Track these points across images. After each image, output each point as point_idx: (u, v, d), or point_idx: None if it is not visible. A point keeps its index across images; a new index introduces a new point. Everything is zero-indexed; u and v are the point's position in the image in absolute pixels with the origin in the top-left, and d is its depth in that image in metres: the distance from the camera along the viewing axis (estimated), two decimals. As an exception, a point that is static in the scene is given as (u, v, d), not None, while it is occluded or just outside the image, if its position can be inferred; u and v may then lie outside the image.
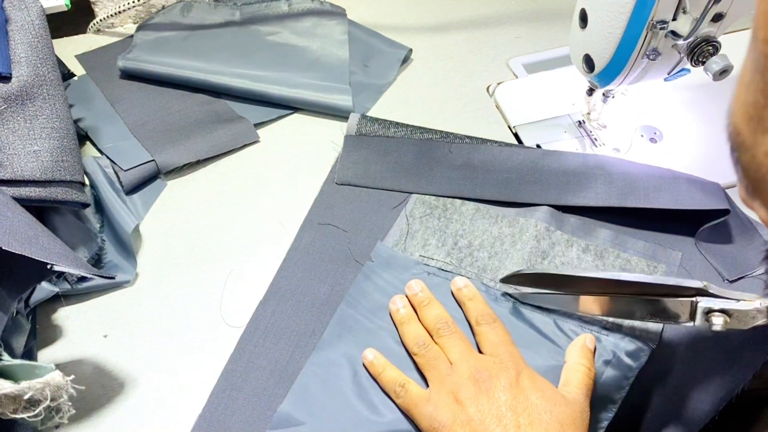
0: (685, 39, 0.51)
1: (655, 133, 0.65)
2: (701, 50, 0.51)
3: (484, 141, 0.61)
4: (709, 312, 0.43)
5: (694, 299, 0.44)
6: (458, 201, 0.58)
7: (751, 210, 0.30)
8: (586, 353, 0.46)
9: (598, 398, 0.46)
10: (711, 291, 0.43)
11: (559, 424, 0.41)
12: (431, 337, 0.48)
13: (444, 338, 0.47)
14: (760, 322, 0.42)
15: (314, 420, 0.45)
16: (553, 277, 0.49)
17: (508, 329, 0.49)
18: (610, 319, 0.49)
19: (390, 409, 0.45)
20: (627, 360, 0.47)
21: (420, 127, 0.62)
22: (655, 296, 0.45)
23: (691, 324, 0.44)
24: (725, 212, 0.53)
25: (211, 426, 0.45)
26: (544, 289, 0.50)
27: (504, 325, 0.48)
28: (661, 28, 0.50)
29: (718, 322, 0.42)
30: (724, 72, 0.51)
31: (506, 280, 0.51)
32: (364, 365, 0.47)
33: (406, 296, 0.51)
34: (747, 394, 0.52)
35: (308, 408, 0.45)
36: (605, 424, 0.47)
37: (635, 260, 0.54)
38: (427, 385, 0.45)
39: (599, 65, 0.55)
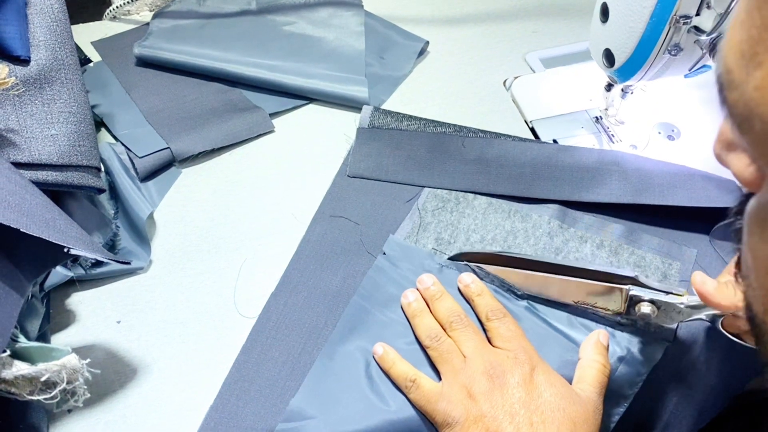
0: (708, 35, 0.50)
1: (672, 131, 0.64)
2: (724, 46, 0.50)
3: (497, 135, 0.61)
4: (639, 302, 0.45)
5: (626, 287, 0.45)
6: (471, 195, 0.58)
7: (725, 166, 0.30)
8: (600, 350, 0.46)
9: (610, 393, 0.46)
10: (642, 281, 0.45)
11: (572, 423, 0.41)
12: (444, 330, 0.47)
13: (457, 331, 0.47)
14: (687, 319, 0.44)
15: (326, 413, 0.44)
16: (497, 256, 0.50)
17: (521, 326, 0.48)
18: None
19: (401, 404, 0.45)
20: (641, 356, 0.47)
21: (433, 121, 0.62)
22: (592, 279, 0.47)
23: (620, 315, 0.47)
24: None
25: (223, 417, 0.45)
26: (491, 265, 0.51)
27: (516, 320, 0.48)
28: (684, 23, 0.50)
29: (646, 311, 0.44)
30: (746, 69, 0.50)
31: (454, 258, 0.52)
32: (374, 359, 0.47)
33: (418, 290, 0.51)
34: (753, 394, 0.52)
35: (320, 401, 0.45)
36: (616, 418, 0.47)
37: (650, 257, 0.53)
38: (440, 379, 0.45)
39: (620, 60, 0.54)
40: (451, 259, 0.52)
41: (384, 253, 0.53)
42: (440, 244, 0.54)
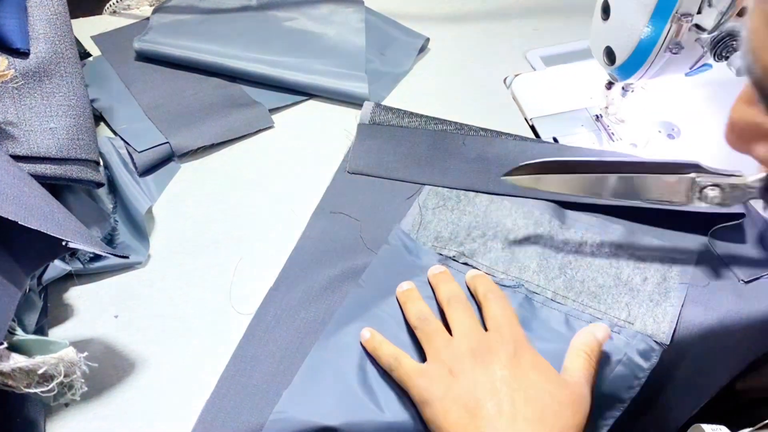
0: (709, 33, 0.50)
1: (673, 129, 0.64)
2: (725, 45, 0.50)
3: (499, 134, 0.61)
4: (704, 187, 0.46)
5: (689, 175, 0.46)
6: (471, 193, 0.57)
7: (745, 153, 0.30)
8: (590, 341, 0.45)
9: (605, 396, 0.46)
10: (705, 167, 0.46)
11: (557, 404, 0.40)
12: (442, 311, 0.47)
13: (451, 308, 0.46)
14: (751, 198, 0.45)
15: (317, 404, 0.44)
16: (555, 163, 0.49)
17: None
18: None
19: (392, 397, 0.45)
20: (638, 359, 0.47)
21: (434, 118, 0.62)
22: (654, 173, 0.47)
23: (684, 202, 0.47)
24: (740, 215, 0.53)
25: (220, 411, 0.45)
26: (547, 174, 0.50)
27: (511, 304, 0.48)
28: (685, 21, 0.49)
29: (713, 194, 0.45)
30: (747, 67, 0.50)
31: (509, 173, 0.51)
32: (362, 345, 0.47)
33: (428, 279, 0.50)
34: (747, 392, 0.52)
35: (313, 392, 0.45)
36: (611, 422, 0.46)
37: (650, 258, 0.53)
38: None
39: (620, 58, 0.54)
40: (506, 175, 0.51)
41: (388, 244, 0.53)
42: (440, 241, 0.54)
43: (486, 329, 0.45)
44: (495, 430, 0.39)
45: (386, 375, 0.45)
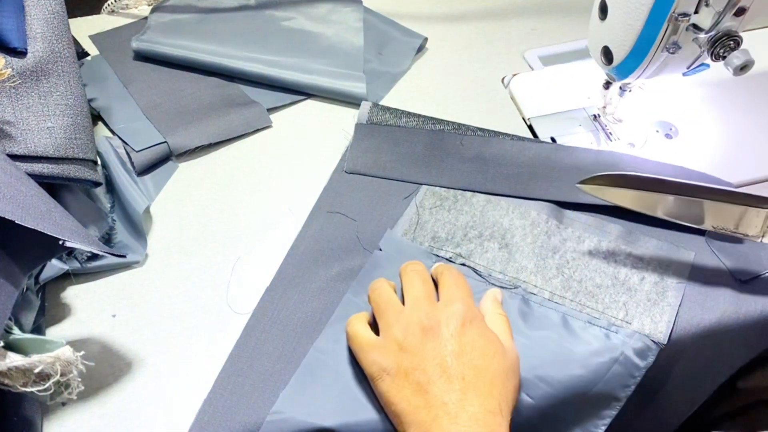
0: (706, 32, 0.50)
1: (670, 129, 0.64)
2: (722, 44, 0.50)
3: (496, 134, 0.61)
4: None
5: (765, 210, 0.45)
6: (468, 193, 0.57)
7: None
8: (496, 303, 0.48)
9: (602, 394, 0.46)
10: None
11: (503, 373, 0.41)
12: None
13: (408, 275, 0.47)
14: None
15: (314, 406, 0.44)
16: (633, 178, 0.49)
17: (517, 322, 0.48)
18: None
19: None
20: (634, 358, 0.47)
21: (432, 118, 0.62)
22: (733, 203, 0.46)
23: (759, 240, 0.46)
24: None
25: (217, 411, 0.45)
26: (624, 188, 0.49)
27: (512, 318, 0.48)
28: (682, 21, 0.49)
29: None
30: (744, 67, 0.50)
31: (585, 182, 0.50)
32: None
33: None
34: (752, 393, 0.52)
35: (310, 394, 0.45)
36: (608, 420, 0.47)
37: (647, 258, 0.53)
38: None
39: (618, 58, 0.54)
40: (582, 183, 0.50)
41: (380, 249, 0.53)
42: (437, 241, 0.54)
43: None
44: (445, 404, 0.39)
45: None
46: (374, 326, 0.46)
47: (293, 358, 0.48)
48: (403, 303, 0.46)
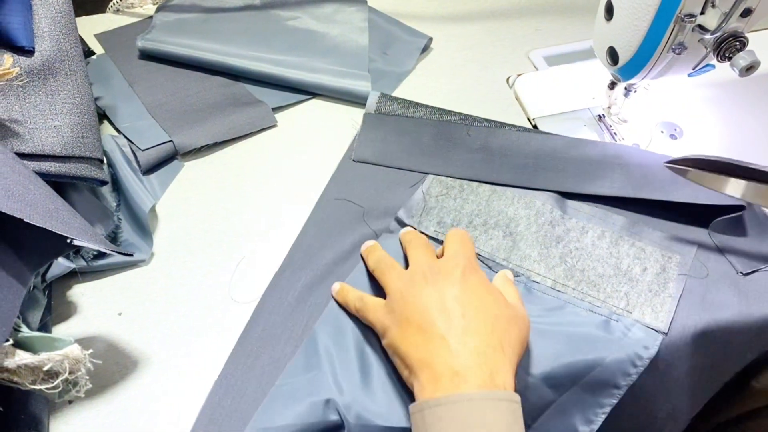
0: (712, 33, 0.50)
1: (675, 130, 0.64)
2: (728, 45, 0.50)
3: (503, 125, 0.61)
4: None
5: None
6: (474, 182, 0.58)
7: None
8: (508, 281, 0.48)
9: (601, 380, 0.46)
10: None
11: (505, 320, 0.42)
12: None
13: (411, 247, 0.48)
14: None
15: (319, 373, 0.45)
16: (718, 163, 0.48)
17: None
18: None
19: (388, 381, 0.45)
20: (636, 347, 0.47)
21: (439, 108, 0.63)
22: None
23: None
24: (740, 207, 0.53)
25: (228, 390, 0.46)
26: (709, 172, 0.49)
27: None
28: (688, 22, 0.50)
29: None
30: (750, 68, 0.50)
31: (672, 162, 0.50)
32: (334, 298, 0.49)
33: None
34: (763, 392, 0.52)
35: (315, 363, 0.46)
36: (608, 408, 0.47)
37: (650, 249, 0.53)
38: None
39: (623, 58, 0.54)
40: (670, 162, 0.50)
41: (390, 231, 0.54)
42: (442, 227, 0.54)
43: None
44: (446, 345, 0.40)
45: (385, 371, 0.46)
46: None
47: (302, 340, 0.48)
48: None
